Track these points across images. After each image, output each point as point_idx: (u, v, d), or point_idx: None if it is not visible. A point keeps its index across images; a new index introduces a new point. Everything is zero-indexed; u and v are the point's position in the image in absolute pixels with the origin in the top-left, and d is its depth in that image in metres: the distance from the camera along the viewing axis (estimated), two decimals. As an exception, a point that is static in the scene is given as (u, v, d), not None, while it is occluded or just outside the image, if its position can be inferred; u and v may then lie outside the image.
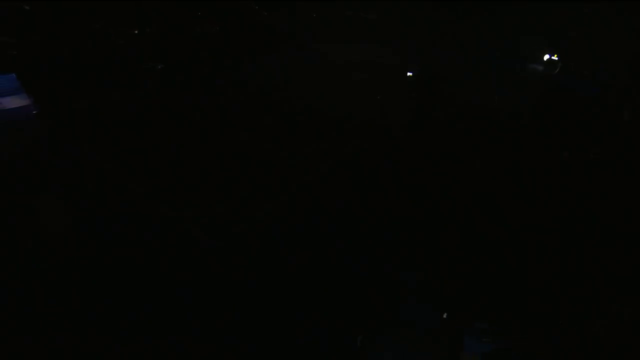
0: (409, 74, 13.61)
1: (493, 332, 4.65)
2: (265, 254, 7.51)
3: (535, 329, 5.07)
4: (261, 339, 5.62)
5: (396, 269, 6.95)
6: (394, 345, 4.57)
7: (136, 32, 17.48)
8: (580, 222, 7.74)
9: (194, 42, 20.52)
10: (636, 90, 14.28)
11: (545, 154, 10.79)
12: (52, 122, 12.97)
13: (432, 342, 4.59)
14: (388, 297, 5.82)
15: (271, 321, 6.02)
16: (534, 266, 6.68)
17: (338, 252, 7.45)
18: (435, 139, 12.13)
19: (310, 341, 5.70)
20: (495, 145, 11.38)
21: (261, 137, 13.51)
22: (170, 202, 9.48)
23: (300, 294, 6.50)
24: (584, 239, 7.22)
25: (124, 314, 6.23)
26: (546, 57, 17.94)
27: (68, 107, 15.88)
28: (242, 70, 22.04)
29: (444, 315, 4.97)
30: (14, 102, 11.87)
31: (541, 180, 9.56)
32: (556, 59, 17.74)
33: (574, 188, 9.27)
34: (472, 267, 6.83)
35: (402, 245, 7.47)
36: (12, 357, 5.63)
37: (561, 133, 11.84)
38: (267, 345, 5.55)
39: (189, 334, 5.57)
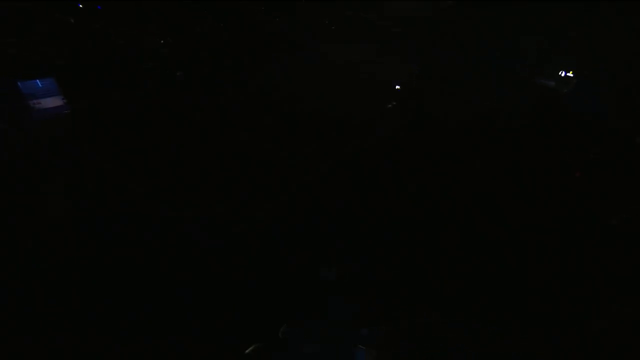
0: (396, 87, 13.48)
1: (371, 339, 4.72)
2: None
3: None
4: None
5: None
6: (309, 339, 4.80)
7: (162, 41, 18.22)
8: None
9: (194, 42, 20.53)
10: (636, 91, 14.28)
11: (545, 154, 10.79)
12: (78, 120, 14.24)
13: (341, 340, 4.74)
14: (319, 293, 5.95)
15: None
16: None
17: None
18: (435, 139, 12.13)
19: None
20: (495, 145, 11.38)
21: (261, 137, 13.51)
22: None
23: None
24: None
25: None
26: (562, 73, 16.77)
27: (71, 107, 16.06)
28: (243, 70, 22.04)
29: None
30: (52, 102, 13.94)
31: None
32: (571, 75, 16.76)
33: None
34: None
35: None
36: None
37: (561, 133, 11.85)
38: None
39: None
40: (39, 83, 13.99)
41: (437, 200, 8.99)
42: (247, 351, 4.89)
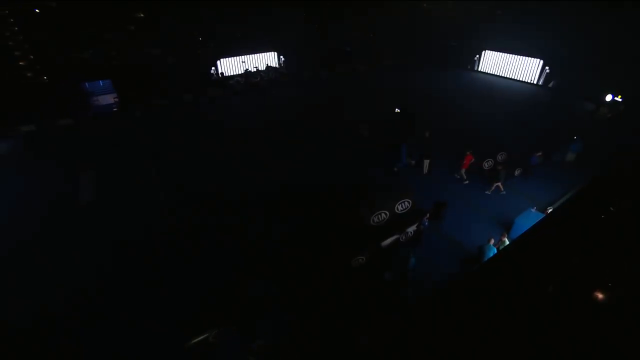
0: (397, 110, 13.50)
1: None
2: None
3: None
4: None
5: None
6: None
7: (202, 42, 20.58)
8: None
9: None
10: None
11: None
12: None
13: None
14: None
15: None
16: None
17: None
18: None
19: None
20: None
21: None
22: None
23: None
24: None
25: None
26: (608, 97, 14.94)
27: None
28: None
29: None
30: (107, 99, 17.43)
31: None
32: (620, 100, 14.76)
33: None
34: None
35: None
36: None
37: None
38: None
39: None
40: (100, 83, 16.96)
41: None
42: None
